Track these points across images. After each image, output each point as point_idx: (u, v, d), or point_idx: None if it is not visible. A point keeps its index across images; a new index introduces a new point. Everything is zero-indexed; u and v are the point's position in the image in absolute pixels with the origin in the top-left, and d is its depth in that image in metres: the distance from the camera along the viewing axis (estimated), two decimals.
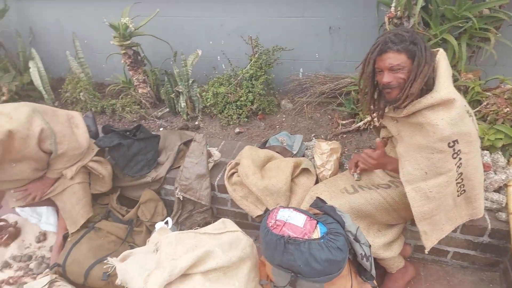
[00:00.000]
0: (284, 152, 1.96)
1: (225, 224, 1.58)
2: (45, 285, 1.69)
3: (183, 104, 2.56)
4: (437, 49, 1.37)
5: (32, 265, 2.02)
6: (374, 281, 1.39)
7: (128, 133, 2.02)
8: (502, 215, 1.60)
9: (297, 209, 1.34)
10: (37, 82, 2.92)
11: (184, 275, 1.37)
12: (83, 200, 1.92)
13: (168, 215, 2.06)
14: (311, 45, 2.57)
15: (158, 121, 2.61)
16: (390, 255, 1.56)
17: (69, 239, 1.94)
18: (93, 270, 1.74)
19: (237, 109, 2.51)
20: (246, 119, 2.51)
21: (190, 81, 2.57)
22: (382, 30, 2.26)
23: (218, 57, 2.83)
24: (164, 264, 1.39)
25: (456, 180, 1.36)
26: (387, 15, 1.98)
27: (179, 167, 2.07)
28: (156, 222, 2.00)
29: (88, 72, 2.98)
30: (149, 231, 2.00)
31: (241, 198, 1.85)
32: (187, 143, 2.20)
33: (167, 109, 2.69)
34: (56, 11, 3.10)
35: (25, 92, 3.09)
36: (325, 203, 1.43)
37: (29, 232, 2.23)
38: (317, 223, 1.29)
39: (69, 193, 1.88)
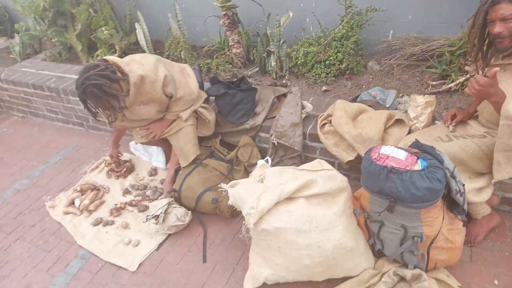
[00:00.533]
0: (377, 106, 2.07)
1: (321, 163, 1.78)
2: (165, 205, 2.07)
3: (273, 63, 2.76)
4: None
5: (148, 192, 2.43)
6: (464, 216, 1.50)
7: (232, 84, 2.28)
8: None
9: (398, 147, 1.49)
10: (142, 42, 3.31)
11: (289, 198, 1.61)
12: (193, 140, 2.25)
13: (263, 158, 2.32)
14: (405, 6, 2.58)
15: (248, 80, 2.86)
16: (479, 200, 1.64)
17: (180, 172, 2.30)
18: (204, 196, 2.08)
19: (325, 68, 2.64)
20: (333, 78, 2.65)
21: (281, 42, 2.75)
22: None
23: (307, 19, 2.96)
24: (272, 189, 1.63)
25: None
26: None
27: (273, 117, 2.31)
28: (252, 163, 2.28)
29: (185, 34, 3.29)
30: (247, 170, 2.28)
31: (333, 145, 2.03)
32: (279, 97, 2.41)
33: (257, 69, 2.91)
34: None
35: (130, 51, 3.52)
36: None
37: (141, 167, 2.66)
38: (418, 158, 1.43)
39: (183, 133, 2.22)
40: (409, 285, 1.55)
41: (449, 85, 2.31)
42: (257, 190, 1.68)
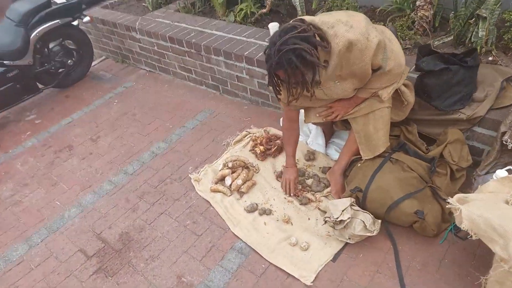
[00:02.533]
0: None
1: None
2: (347, 207, 1.62)
3: (481, 33, 2.06)
4: None
5: (308, 181, 2.02)
6: None
7: (453, 57, 1.68)
8: None
9: None
10: None
11: None
12: (386, 127, 1.73)
13: (471, 162, 1.73)
14: None
15: None
16: None
17: (359, 164, 1.83)
18: (402, 204, 1.59)
19: None
20: None
21: (498, 4, 2.03)
22: None
23: None
24: None
25: None
26: None
27: (502, 107, 1.68)
28: (462, 167, 1.71)
29: None
30: (454, 175, 1.72)
31: None
32: (509, 80, 1.75)
33: (450, 38, 2.23)
34: None
35: (276, 7, 3.04)
36: None
37: None
38: None
39: (376, 116, 1.70)
40: None
41: None
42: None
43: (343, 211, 1.61)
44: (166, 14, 3.32)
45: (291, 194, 1.95)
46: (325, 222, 1.67)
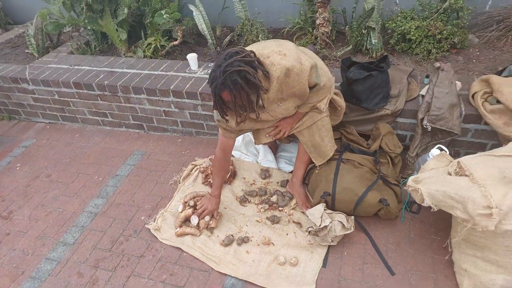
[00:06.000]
0: None
1: None
2: (323, 212, 1.75)
3: (374, 41, 2.48)
4: None
5: (273, 198, 2.08)
6: None
7: (370, 65, 1.98)
8: None
9: None
10: (202, 26, 2.87)
11: None
12: (330, 133, 1.93)
13: (402, 148, 2.07)
14: None
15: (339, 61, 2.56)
16: None
17: (316, 171, 1.98)
18: (367, 198, 1.78)
19: (436, 43, 2.42)
20: (445, 53, 2.44)
21: (379, 17, 2.48)
22: None
23: None
24: (508, 179, 1.39)
25: None
26: None
27: (412, 99, 2.06)
28: (398, 153, 2.02)
29: (248, 16, 2.90)
30: (393, 161, 2.01)
31: (504, 125, 1.83)
32: (410, 76, 2.16)
33: (349, 47, 2.62)
34: None
35: (184, 38, 3.05)
36: None
37: (246, 170, 2.29)
38: None
39: (319, 126, 1.88)
40: None
41: None
42: (473, 188, 1.43)
43: (321, 217, 1.72)
44: (59, 59, 2.98)
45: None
46: (309, 232, 1.76)
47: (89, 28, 2.91)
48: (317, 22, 2.60)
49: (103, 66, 2.78)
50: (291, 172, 2.17)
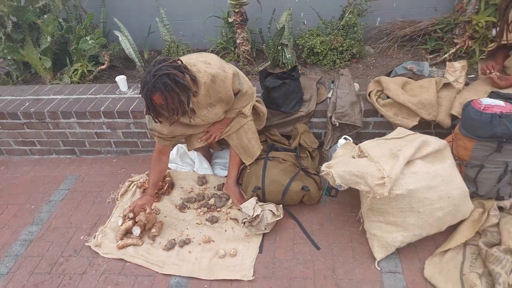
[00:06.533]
0: (415, 77, 2.35)
1: (403, 130, 1.95)
2: (255, 204, 1.96)
3: (288, 55, 2.84)
4: None
5: (211, 201, 2.23)
6: None
7: (283, 74, 2.28)
8: None
9: (492, 97, 1.76)
10: (129, 50, 2.99)
11: (408, 162, 1.73)
12: (255, 134, 2.17)
13: (318, 143, 2.38)
14: None
15: None
16: None
17: (248, 170, 2.19)
18: (291, 186, 2.03)
19: (339, 55, 2.85)
20: (348, 62, 2.87)
21: (289, 34, 2.85)
22: None
23: (302, 13, 3.12)
24: (392, 157, 1.73)
25: None
26: None
27: (322, 102, 2.40)
28: (315, 148, 2.32)
29: (174, 38, 3.11)
30: (311, 155, 2.31)
31: (393, 115, 2.23)
32: (318, 83, 2.52)
33: (268, 63, 2.94)
34: None
35: (111, 62, 3.13)
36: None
37: (183, 180, 2.42)
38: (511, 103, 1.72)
39: (246, 129, 2.12)
40: (508, 213, 1.83)
41: (444, 56, 2.76)
42: (370, 165, 1.74)
43: (253, 208, 1.92)
44: None
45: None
46: (244, 223, 1.94)
47: (9, 58, 2.87)
48: (238, 41, 2.89)
49: (27, 94, 2.75)
50: (226, 176, 2.35)
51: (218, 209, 2.18)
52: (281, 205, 2.03)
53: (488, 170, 1.81)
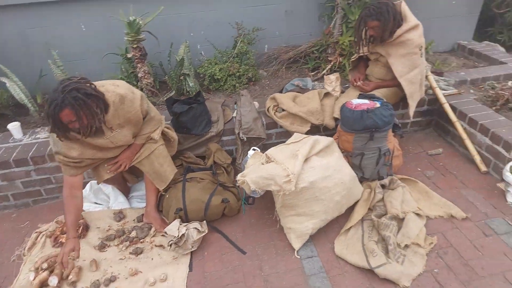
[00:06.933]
0: (302, 91, 2.75)
1: (299, 135, 2.27)
2: (178, 225, 2.03)
3: (191, 84, 3.02)
4: (400, 1, 2.41)
5: (133, 234, 2.20)
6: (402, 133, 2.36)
7: (189, 100, 2.44)
8: (429, 91, 2.80)
9: (360, 98, 2.19)
10: (20, 96, 2.83)
11: (306, 160, 2.03)
12: (167, 159, 2.23)
13: (231, 159, 2.57)
14: (273, 25, 3.42)
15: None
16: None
17: (167, 196, 2.24)
18: (212, 201, 2.15)
19: (238, 79, 3.14)
20: (246, 85, 3.18)
21: (190, 65, 3.06)
22: (328, 7, 3.30)
23: (198, 46, 3.37)
24: (293, 157, 2.00)
25: (422, 71, 2.45)
26: None
27: (229, 120, 2.62)
28: (228, 163, 2.50)
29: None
30: (226, 171, 2.47)
31: (290, 124, 2.56)
32: (223, 105, 2.74)
33: (173, 92, 3.08)
34: (20, 23, 3.01)
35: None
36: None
37: (98, 219, 2.34)
38: (374, 101, 2.17)
39: (156, 154, 2.15)
40: (388, 188, 2.25)
41: (323, 72, 3.27)
42: (277, 167, 1.99)
43: (178, 229, 1.98)
44: None
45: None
46: (171, 246, 1.98)
47: None
48: (139, 75, 2.97)
49: None
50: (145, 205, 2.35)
51: (141, 240, 2.16)
52: (204, 221, 2.13)
53: (367, 156, 2.21)
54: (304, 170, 1.96)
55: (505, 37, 3.86)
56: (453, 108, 2.64)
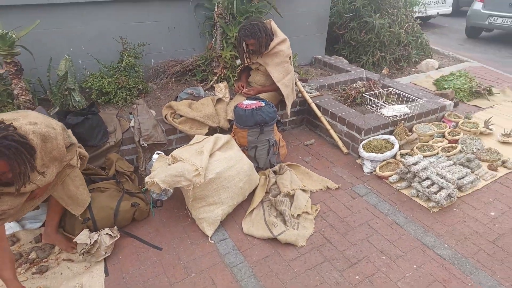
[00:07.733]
0: (196, 98, 3.00)
1: (200, 136, 2.52)
2: (87, 233, 2.00)
3: (77, 98, 2.93)
4: (269, 19, 2.92)
5: (32, 255, 2.03)
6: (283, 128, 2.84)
7: (83, 111, 2.40)
8: (299, 95, 3.42)
9: (248, 100, 2.57)
10: None
11: (211, 155, 2.28)
12: (83, 181, 2.10)
13: (133, 167, 2.61)
14: (158, 41, 3.59)
15: None
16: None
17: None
18: (121, 206, 2.18)
19: (128, 92, 3.18)
20: (137, 98, 3.24)
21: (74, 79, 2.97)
22: (207, 25, 3.65)
23: (80, 60, 3.27)
24: (199, 154, 2.23)
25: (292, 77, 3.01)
26: (216, 12, 3.39)
27: (126, 131, 2.66)
28: (131, 171, 2.55)
29: None
30: (130, 178, 2.50)
31: (189, 128, 2.77)
32: (117, 116, 2.76)
33: (57, 108, 2.91)
34: None
35: None
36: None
37: None
38: (260, 101, 2.58)
39: (72, 177, 2.01)
40: (279, 174, 2.68)
41: (211, 83, 3.60)
42: (184, 164, 2.18)
43: (89, 237, 1.95)
44: None
45: None
46: (83, 254, 1.93)
47: None
48: (15, 92, 2.73)
49: None
50: (42, 225, 2.19)
51: (43, 260, 2.03)
52: (115, 227, 2.13)
53: (260, 148, 2.59)
54: (210, 164, 2.20)
55: (347, 52, 4.92)
56: (318, 106, 3.28)
